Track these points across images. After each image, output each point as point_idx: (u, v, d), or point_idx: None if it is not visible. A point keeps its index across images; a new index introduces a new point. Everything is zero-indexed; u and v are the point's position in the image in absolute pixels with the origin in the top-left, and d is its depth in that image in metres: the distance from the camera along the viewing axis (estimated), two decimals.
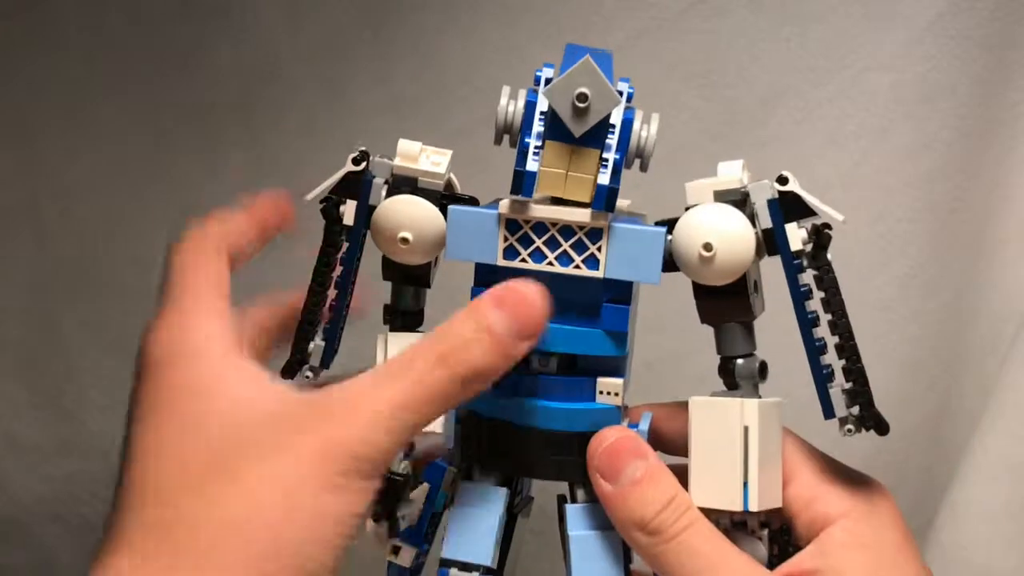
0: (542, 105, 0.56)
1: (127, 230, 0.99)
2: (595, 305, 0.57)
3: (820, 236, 0.56)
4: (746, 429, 0.57)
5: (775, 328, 0.61)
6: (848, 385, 0.57)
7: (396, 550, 0.62)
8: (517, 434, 0.59)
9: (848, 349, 0.56)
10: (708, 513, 0.58)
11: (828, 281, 0.56)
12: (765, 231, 0.56)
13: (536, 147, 0.55)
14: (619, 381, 0.59)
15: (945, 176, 0.88)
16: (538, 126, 0.56)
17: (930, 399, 0.96)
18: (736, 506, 0.57)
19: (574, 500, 0.61)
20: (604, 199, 0.55)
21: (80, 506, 1.03)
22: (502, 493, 0.61)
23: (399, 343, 0.63)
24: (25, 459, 1.02)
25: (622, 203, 0.63)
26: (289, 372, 0.64)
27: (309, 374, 0.64)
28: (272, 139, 0.97)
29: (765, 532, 0.59)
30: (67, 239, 1.00)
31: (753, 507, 0.57)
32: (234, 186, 0.96)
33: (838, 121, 0.88)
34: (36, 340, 1.02)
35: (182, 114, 0.97)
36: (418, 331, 0.64)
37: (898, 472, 1.00)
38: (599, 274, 0.57)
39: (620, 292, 0.57)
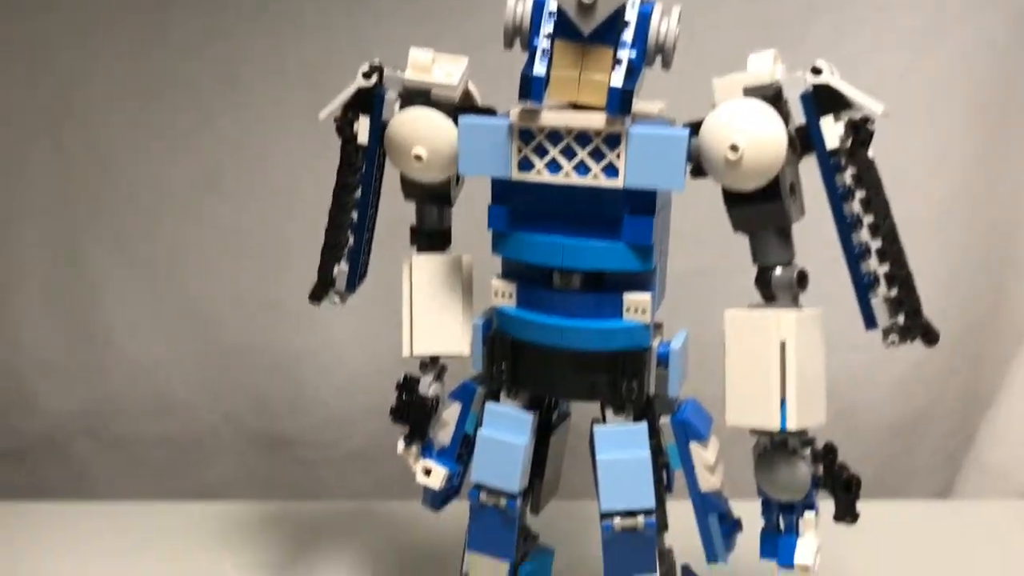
0: (551, 4, 0.52)
1: (146, 150, 0.98)
2: (617, 217, 0.54)
3: (859, 131, 0.51)
4: (783, 344, 0.53)
5: (815, 235, 0.56)
6: (892, 293, 0.52)
7: (427, 472, 0.61)
8: (544, 354, 0.57)
9: (892, 254, 0.51)
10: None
11: (869, 180, 0.51)
12: (799, 128, 0.52)
13: (545, 49, 0.52)
14: (646, 297, 0.56)
15: (997, 82, 0.81)
16: (547, 27, 0.52)
17: (974, 313, 0.90)
18: (773, 425, 0.53)
19: (604, 421, 0.58)
20: (618, 102, 0.51)
21: (111, 422, 1.05)
22: (529, 419, 0.59)
23: (426, 265, 0.62)
24: (56, 381, 1.03)
25: (653, 106, 0.59)
26: (315, 297, 0.63)
27: (336, 299, 0.63)
28: (291, 48, 0.94)
29: (808, 451, 0.55)
30: (86, 161, 0.99)
31: (792, 426, 0.53)
32: (254, 97, 0.95)
33: (886, 25, 0.81)
34: (60, 266, 1.01)
35: (198, 29, 0.95)
36: (446, 252, 0.62)
37: (939, 387, 0.95)
38: (619, 184, 0.53)
39: (643, 202, 0.54)
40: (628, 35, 0.51)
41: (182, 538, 0.88)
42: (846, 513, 0.55)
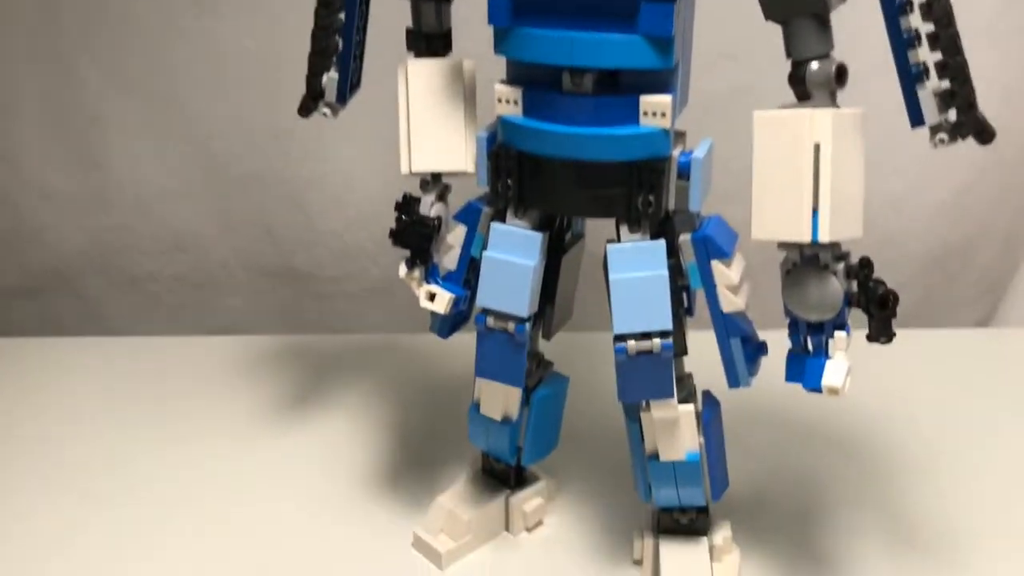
0: None
1: None
2: (632, 6, 0.48)
3: None
4: (817, 146, 0.47)
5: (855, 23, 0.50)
6: (943, 84, 0.46)
7: (432, 297, 0.58)
8: (553, 168, 0.52)
9: (945, 39, 0.45)
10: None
11: None
12: None
13: None
14: (666, 99, 0.50)
15: None
16: None
17: None
18: (804, 237, 0.48)
19: (619, 240, 0.54)
20: None
21: (120, 258, 1.03)
22: (538, 239, 0.54)
23: (423, 72, 0.56)
24: (62, 211, 1.01)
25: None
26: (304, 110, 0.58)
27: (326, 111, 0.58)
28: None
29: (841, 266, 0.51)
30: None
31: (824, 238, 0.48)
32: None
33: None
34: (54, 87, 0.96)
35: None
36: (447, 58, 0.57)
37: (988, 212, 0.89)
38: None
39: None
40: None
41: (198, 372, 0.87)
42: (881, 332, 0.50)
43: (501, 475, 0.67)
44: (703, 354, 0.57)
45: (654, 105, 0.50)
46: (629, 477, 0.62)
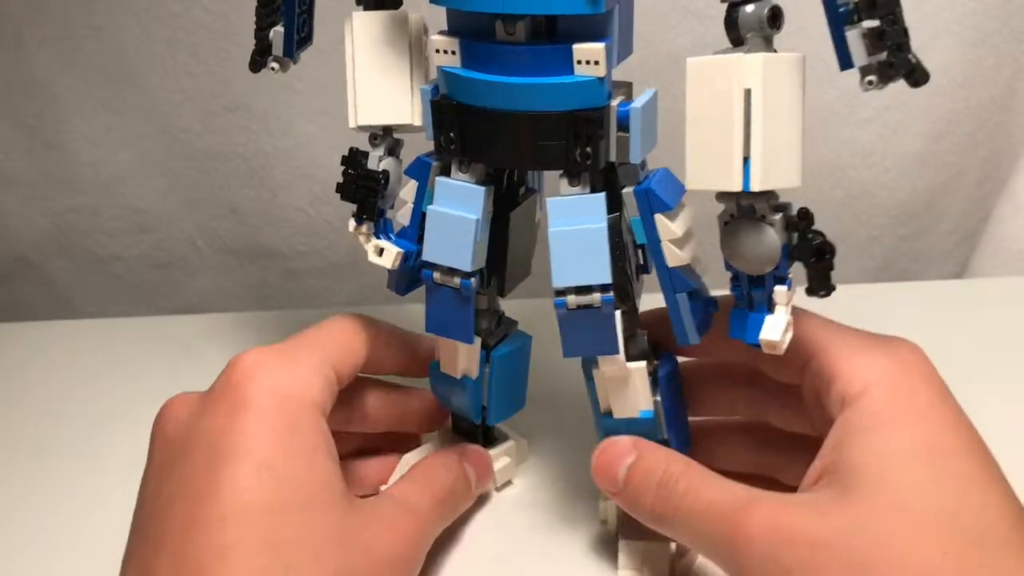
0: None
1: None
2: None
3: None
4: (748, 92, 0.46)
5: None
6: (873, 24, 0.44)
7: (380, 251, 0.57)
8: (492, 119, 0.51)
9: None
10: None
11: None
12: None
13: None
14: (599, 46, 0.49)
15: None
16: None
17: (997, 80, 0.80)
18: (735, 186, 0.47)
19: (561, 192, 0.53)
20: None
21: (85, 240, 1.02)
22: (481, 192, 0.54)
23: (369, 24, 0.55)
24: (22, 196, 1.00)
25: None
26: (254, 65, 0.58)
27: (275, 66, 0.58)
28: None
29: (779, 217, 0.49)
30: None
31: (755, 186, 0.47)
32: None
33: None
34: (3, 68, 0.94)
35: None
36: (395, 9, 0.56)
37: (960, 161, 0.86)
38: None
39: None
40: None
41: (168, 351, 0.86)
42: (820, 286, 0.49)
43: (469, 434, 0.67)
44: None
45: (587, 53, 0.49)
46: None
